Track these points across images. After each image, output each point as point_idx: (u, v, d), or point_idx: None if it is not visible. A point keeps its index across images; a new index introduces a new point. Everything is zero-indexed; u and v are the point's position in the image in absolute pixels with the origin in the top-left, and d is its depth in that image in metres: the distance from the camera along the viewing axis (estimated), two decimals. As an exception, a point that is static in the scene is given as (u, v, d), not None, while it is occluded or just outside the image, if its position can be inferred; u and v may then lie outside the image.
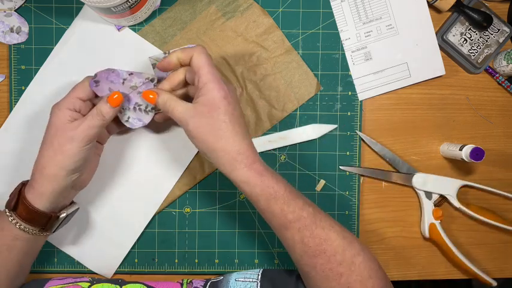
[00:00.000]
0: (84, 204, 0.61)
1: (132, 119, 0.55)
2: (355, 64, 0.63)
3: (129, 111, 0.55)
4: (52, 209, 0.52)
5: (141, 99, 0.54)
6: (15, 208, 0.51)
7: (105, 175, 0.62)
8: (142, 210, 0.62)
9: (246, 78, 0.62)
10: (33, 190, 0.51)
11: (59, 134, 0.50)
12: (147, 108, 0.55)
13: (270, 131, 0.63)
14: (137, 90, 0.54)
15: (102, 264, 0.63)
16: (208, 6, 0.62)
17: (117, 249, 0.63)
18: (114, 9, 0.53)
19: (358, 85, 0.63)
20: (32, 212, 0.50)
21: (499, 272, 0.66)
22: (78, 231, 0.62)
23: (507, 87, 0.64)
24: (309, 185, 0.64)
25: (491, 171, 0.65)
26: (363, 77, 0.63)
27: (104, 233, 0.62)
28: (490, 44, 0.63)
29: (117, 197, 0.62)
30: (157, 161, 0.62)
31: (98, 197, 0.62)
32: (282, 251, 0.64)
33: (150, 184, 0.62)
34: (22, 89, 0.61)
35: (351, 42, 0.63)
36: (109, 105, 0.51)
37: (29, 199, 0.50)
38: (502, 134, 0.65)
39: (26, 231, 0.51)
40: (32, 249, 0.54)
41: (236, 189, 0.63)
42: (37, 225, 0.52)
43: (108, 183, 0.62)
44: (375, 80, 0.64)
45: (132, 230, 0.63)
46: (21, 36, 0.61)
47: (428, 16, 0.63)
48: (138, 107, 0.54)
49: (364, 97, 0.64)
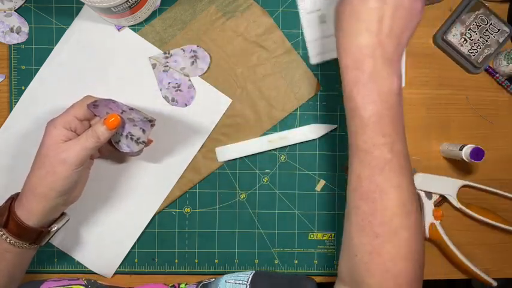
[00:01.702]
0: (84, 205, 0.61)
1: (122, 143, 0.55)
2: (309, 26, 0.61)
3: (122, 137, 0.54)
4: (42, 224, 0.52)
5: (135, 131, 0.54)
6: (6, 224, 0.50)
7: (105, 175, 0.62)
8: (143, 210, 0.62)
9: (246, 78, 0.62)
10: (23, 207, 0.50)
11: (51, 155, 0.49)
12: (138, 140, 0.54)
13: (270, 131, 0.63)
14: (133, 123, 0.53)
15: (102, 264, 0.63)
16: (208, 6, 0.62)
17: (117, 249, 0.63)
18: (114, 9, 0.53)
19: (311, 48, 0.62)
20: (22, 228, 0.50)
21: (499, 272, 0.66)
22: (78, 231, 0.62)
23: (507, 87, 0.64)
24: (309, 185, 0.64)
25: (491, 171, 0.65)
26: (316, 40, 0.62)
27: (103, 233, 0.62)
28: (490, 44, 0.63)
29: (117, 197, 0.62)
30: (157, 161, 0.62)
31: (97, 197, 0.62)
32: (282, 250, 0.64)
33: (150, 184, 0.62)
34: (22, 89, 0.61)
35: (306, 3, 0.61)
36: (105, 127, 0.50)
37: (19, 215, 0.50)
38: (502, 134, 0.65)
39: (16, 246, 0.51)
40: (22, 260, 0.54)
41: (236, 189, 0.63)
42: (27, 240, 0.51)
43: (108, 183, 0.62)
44: (328, 44, 0.62)
45: (132, 230, 0.63)
46: (21, 36, 0.61)
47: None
48: (130, 136, 0.54)
49: (316, 61, 0.62)
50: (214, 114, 0.62)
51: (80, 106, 0.51)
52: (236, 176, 0.64)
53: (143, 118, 0.52)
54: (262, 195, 0.64)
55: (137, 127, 0.53)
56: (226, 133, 0.63)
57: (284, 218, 0.64)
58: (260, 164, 0.64)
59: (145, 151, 0.62)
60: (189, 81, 0.62)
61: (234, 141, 0.63)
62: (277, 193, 0.64)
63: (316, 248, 0.65)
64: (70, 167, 0.49)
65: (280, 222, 0.64)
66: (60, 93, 0.61)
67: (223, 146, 0.63)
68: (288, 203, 0.64)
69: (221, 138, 0.63)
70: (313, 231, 0.64)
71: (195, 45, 0.61)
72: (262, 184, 0.64)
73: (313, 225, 0.64)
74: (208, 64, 0.62)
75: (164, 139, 0.62)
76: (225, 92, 0.62)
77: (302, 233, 0.64)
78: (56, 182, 0.49)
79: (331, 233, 0.64)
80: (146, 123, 0.53)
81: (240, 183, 0.64)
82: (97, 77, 0.61)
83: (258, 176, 0.64)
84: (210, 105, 0.62)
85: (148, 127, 0.53)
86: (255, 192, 0.64)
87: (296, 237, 0.64)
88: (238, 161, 0.63)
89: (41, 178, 0.49)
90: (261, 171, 0.64)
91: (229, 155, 0.63)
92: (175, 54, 0.61)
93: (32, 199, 0.50)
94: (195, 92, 0.62)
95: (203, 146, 0.62)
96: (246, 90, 0.63)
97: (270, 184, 0.64)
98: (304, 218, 0.64)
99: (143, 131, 0.54)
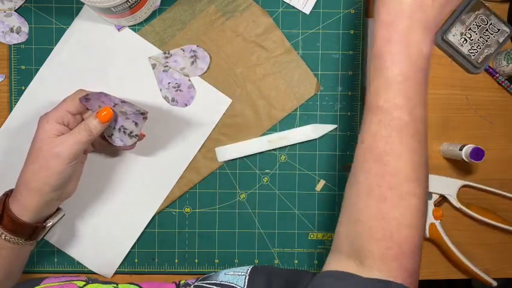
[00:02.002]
0: (84, 205, 0.61)
1: (115, 137, 0.55)
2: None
3: (115, 130, 0.55)
4: (37, 219, 0.52)
5: (127, 124, 0.54)
6: (1, 220, 0.50)
7: (105, 175, 0.62)
8: (143, 210, 0.62)
9: (245, 78, 0.62)
10: (18, 202, 0.50)
11: (45, 149, 0.49)
12: (131, 133, 0.54)
13: (270, 131, 0.63)
14: (126, 116, 0.53)
15: (102, 264, 0.63)
16: (208, 6, 0.62)
17: (117, 249, 0.63)
18: (114, 9, 0.53)
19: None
20: (18, 223, 0.50)
21: (499, 272, 0.66)
22: (78, 231, 0.62)
23: (507, 87, 0.64)
24: (309, 185, 0.64)
25: (491, 171, 0.65)
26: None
27: (103, 233, 0.62)
28: (490, 44, 0.63)
29: (117, 197, 0.62)
30: (157, 161, 0.62)
31: (97, 197, 0.62)
32: (282, 250, 0.64)
33: (150, 184, 0.62)
34: (22, 89, 0.61)
35: None
36: (97, 121, 0.50)
37: (14, 211, 0.50)
38: (502, 134, 0.65)
39: (12, 242, 0.51)
40: (18, 257, 0.54)
41: (236, 189, 0.63)
42: (23, 235, 0.51)
43: (108, 183, 0.62)
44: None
45: (132, 230, 0.63)
46: (21, 36, 0.61)
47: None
48: (123, 129, 0.54)
49: (308, 10, 0.62)
50: (214, 114, 0.62)
51: (72, 100, 0.51)
52: (236, 176, 0.64)
53: (135, 111, 0.52)
54: (262, 195, 0.64)
55: (130, 120, 0.53)
56: (226, 133, 0.63)
57: (284, 218, 0.64)
58: (260, 164, 0.64)
59: (145, 151, 0.62)
60: (189, 81, 0.62)
61: (234, 141, 0.63)
62: (277, 193, 0.64)
63: (316, 248, 0.65)
64: (63, 161, 0.49)
65: (280, 222, 0.64)
66: (60, 93, 0.60)
67: (223, 146, 0.63)
68: (288, 203, 0.64)
69: (221, 138, 0.63)
70: (313, 231, 0.64)
71: (195, 45, 0.61)
72: (262, 184, 0.64)
73: (313, 225, 0.64)
74: (208, 64, 0.62)
75: (164, 139, 0.62)
76: (224, 92, 0.62)
77: (302, 233, 0.64)
78: (49, 176, 0.49)
79: (331, 233, 0.64)
80: (138, 116, 0.53)
81: (240, 183, 0.64)
82: (97, 77, 0.61)
83: (258, 176, 0.64)
84: (210, 105, 0.62)
85: (140, 120, 0.53)
86: (255, 192, 0.64)
87: (296, 237, 0.64)
88: (238, 161, 0.63)
89: (35, 173, 0.49)
90: (261, 171, 0.64)
91: (229, 155, 0.63)
92: (175, 54, 0.61)
93: (26, 194, 0.50)
94: (195, 92, 0.62)
95: (203, 146, 0.62)
96: (245, 90, 0.63)
97: (270, 184, 0.64)
98: (304, 218, 0.64)
99: (136, 124, 0.54)
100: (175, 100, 0.62)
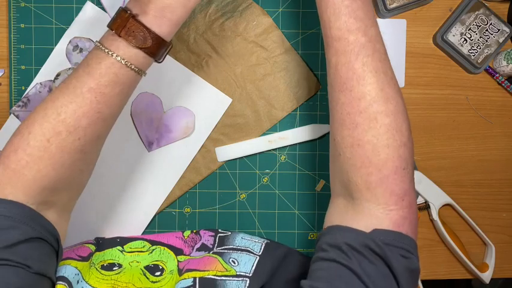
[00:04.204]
0: (84, 205, 0.61)
1: None
2: None
3: None
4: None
5: None
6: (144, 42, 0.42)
7: (105, 175, 0.62)
8: (143, 210, 0.62)
9: (245, 78, 0.62)
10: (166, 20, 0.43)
11: None
12: None
13: (270, 131, 0.63)
14: None
15: (102, 264, 0.63)
16: (208, 6, 0.62)
17: (117, 249, 0.63)
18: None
19: None
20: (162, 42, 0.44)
21: (499, 272, 0.66)
22: (79, 231, 0.62)
23: (507, 87, 0.64)
24: (309, 185, 0.64)
25: (491, 171, 0.65)
26: None
27: (104, 233, 0.62)
28: (490, 44, 0.63)
29: (117, 197, 0.62)
30: (157, 161, 0.62)
31: (97, 197, 0.62)
32: (282, 251, 0.64)
33: (150, 184, 0.62)
34: (22, 89, 0.61)
35: None
36: None
37: (158, 33, 0.43)
38: (502, 134, 0.65)
39: (136, 71, 0.44)
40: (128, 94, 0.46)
41: (236, 189, 0.63)
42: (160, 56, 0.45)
43: (108, 183, 0.62)
44: None
45: (132, 230, 0.63)
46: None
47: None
48: None
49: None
50: (214, 114, 0.62)
51: None
52: (236, 176, 0.64)
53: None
54: (262, 195, 0.64)
55: None
56: (226, 133, 0.63)
57: (284, 218, 0.64)
58: (260, 164, 0.64)
59: (145, 151, 0.62)
60: (189, 81, 0.62)
61: (234, 141, 0.63)
62: (277, 193, 0.64)
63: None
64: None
65: (280, 222, 0.64)
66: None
67: (223, 146, 0.63)
68: (288, 203, 0.64)
69: (221, 138, 0.63)
70: (313, 231, 0.64)
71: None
72: (262, 184, 0.64)
73: (313, 225, 0.64)
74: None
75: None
76: (224, 92, 0.62)
77: (302, 233, 0.64)
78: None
79: (331, 233, 0.64)
80: None
81: (240, 183, 0.64)
82: (97, 77, 0.61)
83: (258, 176, 0.64)
84: (210, 105, 0.62)
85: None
86: (255, 192, 0.64)
87: (296, 237, 0.64)
88: (238, 161, 0.63)
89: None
90: (261, 171, 0.64)
91: (229, 155, 0.63)
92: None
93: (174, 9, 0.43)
94: (195, 91, 0.62)
95: (203, 146, 0.62)
96: (245, 90, 0.63)
97: (270, 184, 0.64)
98: (304, 218, 0.64)
99: None
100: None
